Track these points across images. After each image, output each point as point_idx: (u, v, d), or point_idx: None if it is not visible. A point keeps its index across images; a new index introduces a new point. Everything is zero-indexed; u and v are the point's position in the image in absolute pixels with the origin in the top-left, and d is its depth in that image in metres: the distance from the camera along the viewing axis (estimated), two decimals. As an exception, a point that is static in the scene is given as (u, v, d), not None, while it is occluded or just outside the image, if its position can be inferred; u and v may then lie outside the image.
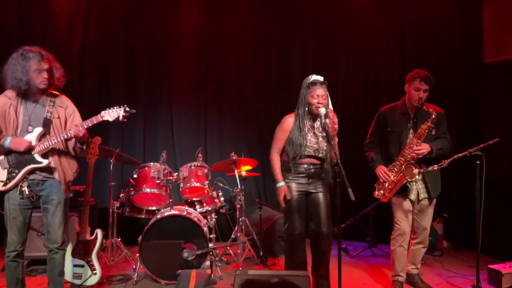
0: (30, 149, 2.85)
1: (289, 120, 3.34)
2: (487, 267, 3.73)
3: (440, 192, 3.53)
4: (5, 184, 2.86)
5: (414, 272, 3.69)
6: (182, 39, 5.50)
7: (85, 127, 2.92)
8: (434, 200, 3.52)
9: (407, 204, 3.46)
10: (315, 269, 3.38)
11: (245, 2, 5.65)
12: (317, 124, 3.28)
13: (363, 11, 5.49)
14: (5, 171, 2.86)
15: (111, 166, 4.35)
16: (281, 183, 3.31)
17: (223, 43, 5.60)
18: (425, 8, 5.19)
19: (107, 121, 2.93)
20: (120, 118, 2.94)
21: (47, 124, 2.93)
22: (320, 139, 3.27)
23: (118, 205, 4.30)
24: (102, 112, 2.94)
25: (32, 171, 2.90)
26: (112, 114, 2.93)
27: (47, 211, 2.96)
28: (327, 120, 3.08)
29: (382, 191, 3.48)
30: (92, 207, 4.16)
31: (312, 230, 3.33)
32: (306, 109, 3.24)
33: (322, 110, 3.11)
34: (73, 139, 2.94)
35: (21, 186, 2.87)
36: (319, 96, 3.19)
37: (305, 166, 3.25)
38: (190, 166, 4.29)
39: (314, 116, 3.26)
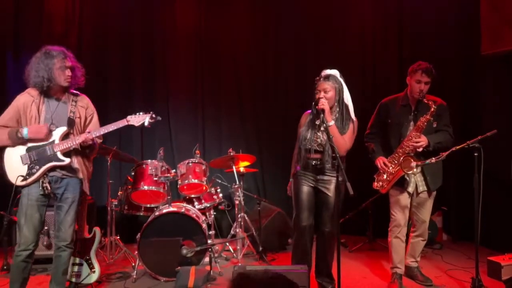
0: (53, 146, 2.88)
1: (304, 116, 3.37)
2: (487, 259, 3.72)
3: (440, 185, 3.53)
4: (25, 179, 2.86)
5: (413, 265, 3.69)
6: (178, 35, 5.48)
7: (111, 130, 2.95)
8: (434, 193, 3.52)
9: (404, 197, 3.46)
10: (317, 265, 3.40)
11: (241, -2, 5.63)
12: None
13: (360, 5, 5.46)
14: (26, 166, 2.87)
15: (109, 164, 4.34)
16: (291, 179, 3.42)
17: (219, 39, 5.58)
18: (421, 1, 5.16)
19: (132, 125, 2.97)
20: (146, 123, 2.98)
21: (70, 123, 2.95)
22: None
23: (116, 203, 4.30)
24: (128, 117, 2.99)
25: (52, 169, 2.91)
26: (138, 119, 2.98)
27: (61, 209, 2.97)
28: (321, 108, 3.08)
29: (381, 183, 3.48)
30: (90, 205, 4.15)
31: (317, 227, 3.34)
32: (313, 103, 3.23)
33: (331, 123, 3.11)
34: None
35: (43, 182, 2.87)
36: (320, 91, 3.19)
37: (313, 162, 3.23)
38: (188, 163, 4.27)
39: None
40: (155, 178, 4.06)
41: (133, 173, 4.21)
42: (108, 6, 5.32)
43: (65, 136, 2.93)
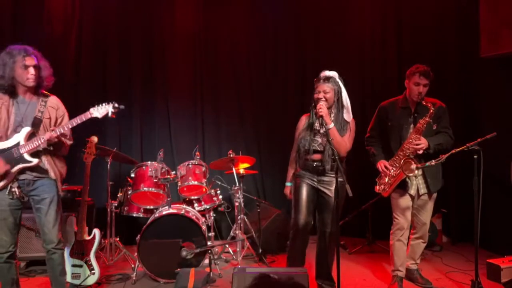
0: (18, 148, 2.82)
1: (303, 119, 3.39)
2: (486, 262, 3.73)
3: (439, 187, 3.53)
4: None
5: (413, 268, 3.69)
6: (177, 37, 5.48)
7: (75, 124, 2.88)
8: (435, 195, 3.52)
9: (406, 199, 3.46)
10: (317, 267, 3.39)
11: (240, 1, 5.63)
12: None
13: (359, 7, 5.47)
14: None
15: (109, 165, 4.34)
16: (287, 183, 3.45)
17: (218, 41, 5.59)
18: (420, 3, 5.17)
19: (96, 118, 2.90)
20: (109, 114, 2.92)
21: (36, 123, 2.90)
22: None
23: (116, 204, 4.29)
24: (91, 109, 2.92)
25: (22, 171, 2.87)
26: (101, 110, 2.91)
27: (40, 211, 2.93)
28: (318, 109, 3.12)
29: (382, 186, 3.47)
30: (90, 207, 4.15)
31: (318, 228, 3.35)
32: (313, 104, 3.26)
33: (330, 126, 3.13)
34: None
35: (11, 187, 2.84)
36: (320, 91, 3.21)
37: (314, 163, 3.24)
38: (188, 165, 4.28)
39: None
40: (155, 180, 4.06)
41: (133, 175, 4.21)
42: (108, 7, 5.32)
43: (30, 136, 2.87)
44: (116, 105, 2.93)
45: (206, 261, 3.75)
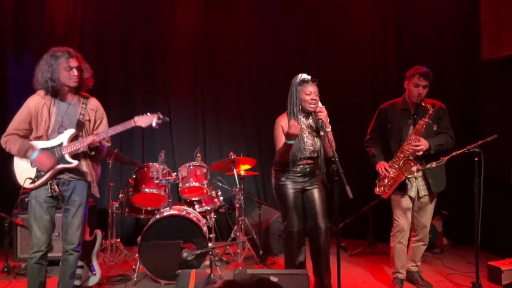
0: (61, 149, 2.85)
1: (284, 122, 3.30)
2: (487, 264, 3.73)
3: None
4: (33, 181, 2.85)
5: (414, 270, 3.69)
6: (178, 37, 5.50)
7: (118, 131, 2.92)
8: (435, 198, 3.51)
9: (406, 201, 3.46)
10: (317, 272, 3.30)
11: (241, 1, 5.64)
12: (310, 121, 3.28)
13: (359, 9, 5.47)
14: (35, 169, 2.86)
15: (110, 166, 4.35)
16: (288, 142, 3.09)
17: (219, 41, 5.61)
18: (421, 4, 5.16)
19: (140, 127, 2.93)
20: (153, 125, 2.94)
21: (79, 126, 2.93)
22: (315, 138, 3.27)
23: (117, 205, 4.30)
24: (136, 118, 2.94)
25: (61, 171, 2.89)
26: (145, 120, 2.93)
27: (68, 212, 2.96)
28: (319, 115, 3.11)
29: (382, 188, 3.47)
30: (91, 208, 4.16)
31: (310, 226, 3.30)
32: (300, 107, 3.23)
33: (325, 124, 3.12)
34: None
35: (51, 184, 2.86)
36: (312, 92, 3.19)
37: (301, 166, 3.24)
38: (189, 166, 4.28)
39: (307, 114, 3.26)
40: (156, 181, 4.06)
41: (134, 176, 4.22)
42: (109, 8, 5.33)
43: (73, 139, 2.91)
44: (161, 116, 2.96)
45: (207, 262, 3.75)
